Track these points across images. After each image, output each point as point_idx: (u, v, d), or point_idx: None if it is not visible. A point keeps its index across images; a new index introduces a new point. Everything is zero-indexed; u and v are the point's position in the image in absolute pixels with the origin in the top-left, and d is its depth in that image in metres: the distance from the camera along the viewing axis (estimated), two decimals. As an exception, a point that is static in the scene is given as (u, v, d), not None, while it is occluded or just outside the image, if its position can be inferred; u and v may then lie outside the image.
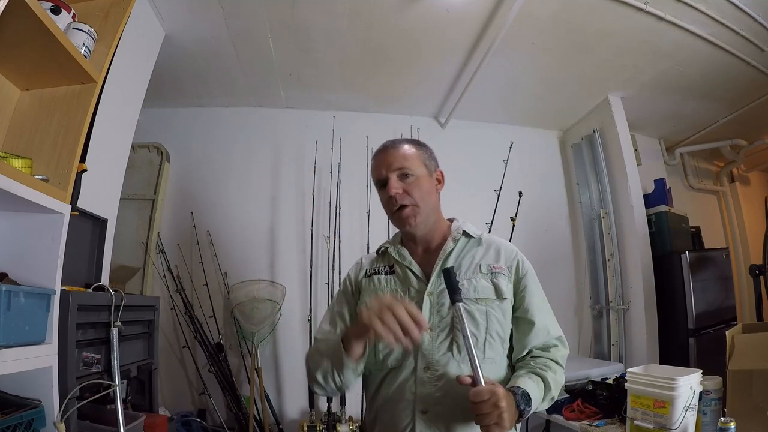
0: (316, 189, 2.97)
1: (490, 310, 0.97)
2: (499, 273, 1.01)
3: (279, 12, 2.19)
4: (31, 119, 1.27)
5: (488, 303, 0.98)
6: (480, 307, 0.97)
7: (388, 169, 1.04)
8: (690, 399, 1.47)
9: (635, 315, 2.80)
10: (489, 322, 0.96)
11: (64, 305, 1.20)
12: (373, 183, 1.11)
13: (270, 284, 2.87)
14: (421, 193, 1.04)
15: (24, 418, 1.02)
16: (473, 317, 0.96)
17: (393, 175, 1.03)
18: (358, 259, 1.20)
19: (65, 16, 1.24)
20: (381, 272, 1.09)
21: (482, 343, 0.95)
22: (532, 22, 2.25)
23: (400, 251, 1.08)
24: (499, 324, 0.97)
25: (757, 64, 2.64)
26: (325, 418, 2.56)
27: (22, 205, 1.07)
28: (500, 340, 0.98)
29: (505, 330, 0.99)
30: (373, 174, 1.09)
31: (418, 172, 1.04)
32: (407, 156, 1.06)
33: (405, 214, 1.02)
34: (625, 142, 3.01)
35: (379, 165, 1.07)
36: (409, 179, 1.03)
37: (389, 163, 1.04)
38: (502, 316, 0.98)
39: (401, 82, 2.92)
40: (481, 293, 0.98)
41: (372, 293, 1.06)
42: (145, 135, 2.74)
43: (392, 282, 1.06)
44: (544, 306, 1.04)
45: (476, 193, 2.86)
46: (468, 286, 0.98)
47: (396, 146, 1.08)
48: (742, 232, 4.07)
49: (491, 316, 0.97)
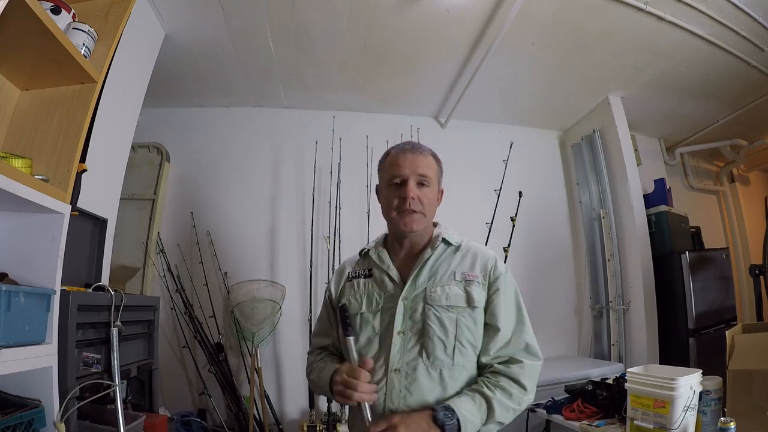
0: (316, 189, 2.97)
1: (460, 317, 0.99)
2: (472, 281, 1.03)
3: (279, 12, 2.19)
4: (31, 119, 1.27)
5: (459, 311, 1.00)
6: (450, 315, 0.99)
7: (412, 172, 1.06)
8: (690, 399, 1.46)
9: (635, 315, 2.80)
10: (459, 330, 0.99)
11: (64, 305, 1.20)
12: (384, 178, 1.11)
13: (270, 284, 2.88)
14: (429, 204, 1.08)
15: (24, 418, 1.02)
16: (443, 324, 0.99)
17: (414, 179, 1.06)
18: (340, 265, 1.24)
19: (65, 16, 1.24)
20: (360, 275, 1.13)
21: (451, 350, 0.98)
22: (532, 22, 2.25)
23: (380, 254, 1.11)
24: (469, 331, 1.00)
25: (757, 64, 2.64)
26: (325, 418, 2.57)
27: (22, 205, 1.07)
28: (471, 347, 1.00)
29: (476, 337, 1.01)
30: (392, 169, 1.08)
31: (432, 185, 1.09)
32: (430, 166, 1.09)
33: (411, 219, 1.05)
34: (625, 142, 3.01)
35: (403, 164, 1.07)
36: (424, 188, 1.07)
37: (416, 166, 1.07)
38: (473, 324, 1.00)
39: (401, 82, 2.92)
40: (452, 301, 1.01)
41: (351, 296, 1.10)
42: (145, 135, 2.74)
43: (369, 285, 1.10)
44: (514, 312, 1.04)
45: (476, 193, 2.86)
46: (440, 293, 1.01)
47: (423, 153, 1.10)
48: (742, 232, 4.08)
49: (461, 323, 0.99)
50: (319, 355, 1.15)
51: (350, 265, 1.19)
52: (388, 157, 1.12)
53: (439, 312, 0.99)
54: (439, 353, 0.97)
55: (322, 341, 1.17)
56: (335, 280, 1.19)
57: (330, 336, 1.15)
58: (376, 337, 1.02)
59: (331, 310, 1.17)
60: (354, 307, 1.07)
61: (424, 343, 0.98)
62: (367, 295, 1.08)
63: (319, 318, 1.23)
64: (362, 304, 1.07)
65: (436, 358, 0.97)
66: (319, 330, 1.20)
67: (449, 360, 0.97)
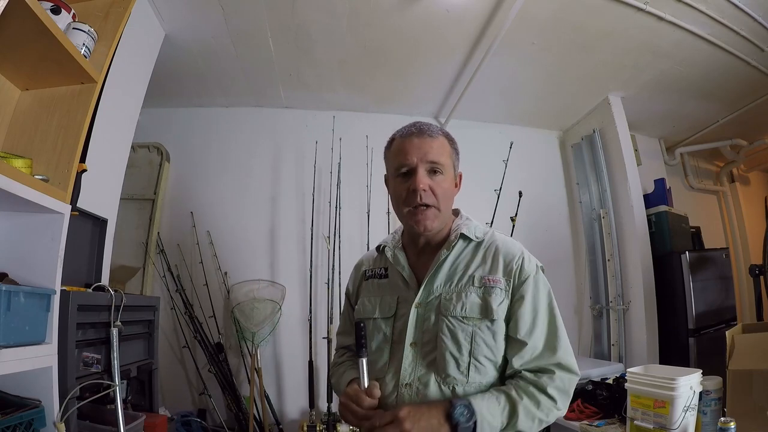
0: (316, 189, 2.97)
1: (476, 330, 0.86)
2: (493, 287, 0.89)
3: (279, 12, 2.19)
4: (31, 119, 1.27)
5: (475, 322, 0.87)
6: (465, 327, 0.87)
7: (420, 159, 0.91)
8: (690, 399, 1.47)
9: (635, 315, 2.80)
10: (474, 345, 0.86)
11: (64, 305, 1.20)
12: (391, 167, 0.97)
13: (270, 284, 2.88)
14: (445, 195, 0.93)
15: (24, 418, 1.02)
16: (456, 338, 0.86)
17: (423, 167, 0.91)
18: (358, 261, 1.14)
19: (65, 16, 1.24)
20: (376, 276, 1.03)
21: (465, 367, 0.85)
22: (532, 22, 2.25)
23: (396, 254, 1.00)
24: (487, 347, 0.87)
25: (757, 64, 2.64)
26: (325, 418, 2.57)
27: (22, 205, 1.07)
28: (491, 363, 0.87)
29: (496, 353, 0.88)
30: (399, 157, 0.93)
31: (446, 171, 0.94)
32: (442, 150, 0.93)
33: (425, 216, 0.91)
34: (625, 142, 3.01)
35: (410, 150, 0.92)
36: (437, 176, 0.92)
37: (424, 151, 0.91)
38: (491, 339, 0.87)
39: (401, 82, 2.92)
40: (468, 311, 0.87)
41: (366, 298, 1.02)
42: (145, 135, 2.74)
43: (384, 288, 1.00)
44: (544, 323, 0.89)
45: (476, 193, 2.84)
46: (456, 302, 0.88)
47: (433, 135, 0.94)
48: (742, 232, 4.07)
49: (477, 337, 0.86)
50: (341, 357, 1.10)
51: (367, 262, 1.09)
52: (393, 144, 0.97)
53: (452, 324, 0.87)
54: (451, 371, 0.85)
55: (345, 340, 1.11)
56: (353, 277, 1.12)
57: (351, 335, 1.05)
58: (387, 345, 0.93)
59: (350, 308, 1.10)
60: (368, 310, 0.99)
61: (436, 358, 0.87)
62: (381, 299, 0.98)
63: (341, 315, 1.17)
64: (376, 309, 0.97)
65: (449, 375, 0.85)
66: (342, 328, 1.14)
67: (464, 378, 0.85)
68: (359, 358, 0.87)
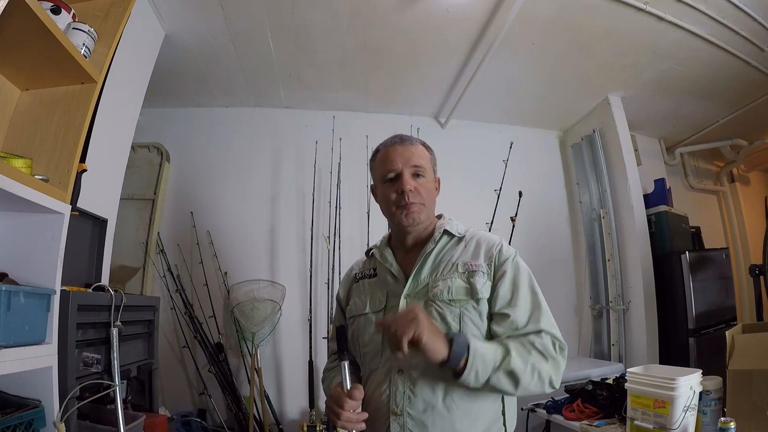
0: (316, 189, 2.97)
1: (464, 311, 0.94)
2: (476, 271, 0.97)
3: (279, 12, 2.19)
4: (31, 119, 1.27)
5: (462, 304, 0.94)
6: (453, 309, 0.94)
7: (405, 164, 1.02)
8: (690, 399, 1.46)
9: (635, 315, 2.80)
10: (463, 325, 0.93)
11: (64, 305, 1.20)
12: (378, 175, 1.07)
13: (270, 284, 2.88)
14: (429, 195, 1.04)
15: (24, 418, 1.02)
16: (445, 321, 0.93)
17: (408, 171, 1.02)
18: (348, 269, 1.21)
19: (65, 16, 1.24)
20: (366, 276, 1.11)
21: None
22: (532, 22, 2.25)
23: (384, 253, 1.08)
24: (475, 326, 0.94)
25: (757, 64, 2.64)
26: (325, 418, 2.57)
27: (22, 205, 1.07)
28: None
29: (484, 332, 0.95)
30: (385, 165, 1.04)
31: (428, 174, 1.05)
32: (422, 156, 1.05)
33: (413, 211, 1.01)
34: (625, 142, 3.01)
35: (395, 157, 1.03)
36: (420, 179, 1.03)
37: (407, 158, 1.03)
38: (478, 318, 0.94)
39: (401, 82, 2.92)
40: (454, 294, 0.95)
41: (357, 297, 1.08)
42: (145, 135, 2.74)
43: (374, 285, 1.07)
44: (527, 297, 0.96)
45: (476, 193, 2.86)
46: (442, 287, 0.96)
47: (413, 143, 1.06)
48: (742, 232, 4.08)
49: (465, 318, 0.93)
50: (333, 362, 1.15)
51: (357, 266, 1.17)
52: (378, 154, 1.08)
53: (441, 308, 0.94)
54: None
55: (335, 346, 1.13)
56: (343, 282, 1.18)
57: None
58: (378, 337, 0.98)
59: (341, 314, 1.15)
60: (358, 307, 1.05)
61: None
62: (371, 295, 1.05)
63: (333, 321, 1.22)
64: (366, 305, 1.04)
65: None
66: (332, 334, 1.19)
67: None
68: (341, 361, 0.93)
